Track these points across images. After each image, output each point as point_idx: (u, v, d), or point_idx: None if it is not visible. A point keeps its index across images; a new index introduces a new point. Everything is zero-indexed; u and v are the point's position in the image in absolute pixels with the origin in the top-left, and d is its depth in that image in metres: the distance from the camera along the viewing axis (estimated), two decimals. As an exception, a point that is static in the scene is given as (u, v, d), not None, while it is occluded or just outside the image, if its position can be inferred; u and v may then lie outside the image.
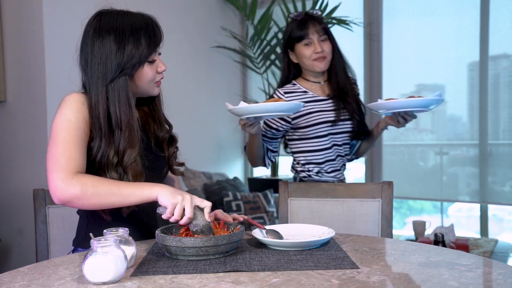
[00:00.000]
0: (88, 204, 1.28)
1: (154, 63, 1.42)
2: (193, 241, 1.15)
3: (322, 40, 1.98)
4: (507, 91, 3.73)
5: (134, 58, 1.36)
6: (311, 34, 1.98)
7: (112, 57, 1.36)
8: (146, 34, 1.38)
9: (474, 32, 3.73)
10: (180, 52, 3.89)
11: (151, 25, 1.41)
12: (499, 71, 3.75)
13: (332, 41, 2.02)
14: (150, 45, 1.38)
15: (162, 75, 1.46)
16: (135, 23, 1.39)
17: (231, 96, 4.54)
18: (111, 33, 1.36)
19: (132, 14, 1.43)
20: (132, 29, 1.37)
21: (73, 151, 1.31)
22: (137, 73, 1.40)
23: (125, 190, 1.27)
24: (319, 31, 1.98)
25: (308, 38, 1.98)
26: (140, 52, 1.37)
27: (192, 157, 3.90)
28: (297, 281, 1.00)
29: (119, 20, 1.38)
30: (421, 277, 1.01)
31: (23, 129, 3.16)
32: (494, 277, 1.00)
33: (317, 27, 1.98)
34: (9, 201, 3.20)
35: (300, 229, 1.45)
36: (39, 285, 1.01)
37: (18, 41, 3.15)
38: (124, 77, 1.37)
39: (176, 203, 1.23)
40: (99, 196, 1.26)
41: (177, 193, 1.25)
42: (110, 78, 1.36)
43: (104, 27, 1.37)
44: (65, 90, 1.42)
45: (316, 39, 1.97)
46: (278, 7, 4.28)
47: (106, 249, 1.01)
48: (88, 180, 1.27)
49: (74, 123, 1.33)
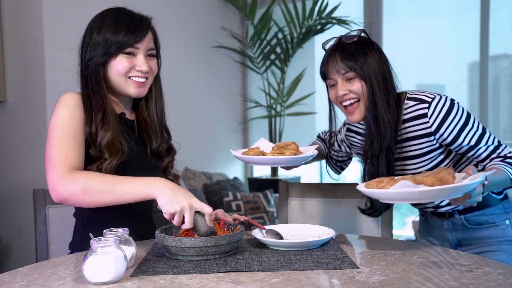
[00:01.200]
0: (85, 202, 1.28)
1: (131, 58, 1.41)
2: (193, 241, 1.15)
3: (348, 80, 1.49)
4: (507, 91, 3.73)
5: (107, 45, 1.39)
6: (332, 74, 1.51)
7: (91, 42, 1.42)
8: (129, 26, 1.40)
9: (474, 32, 3.73)
10: (180, 52, 3.88)
11: (139, 21, 1.42)
12: (499, 71, 3.75)
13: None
14: (127, 36, 1.39)
15: (140, 74, 1.42)
16: (123, 15, 1.42)
17: (231, 96, 4.54)
18: (98, 21, 1.43)
19: (130, 12, 1.45)
20: (117, 19, 1.41)
21: (67, 148, 1.31)
22: (109, 63, 1.41)
23: (120, 189, 1.26)
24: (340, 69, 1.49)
25: (330, 79, 1.53)
26: (116, 40, 1.39)
27: (192, 157, 3.90)
28: (297, 281, 1.00)
29: (113, 12, 1.43)
30: (421, 277, 1.01)
31: (23, 129, 3.16)
32: (494, 277, 1.00)
33: (338, 63, 1.49)
34: (9, 201, 3.20)
35: (300, 229, 1.45)
36: (39, 285, 1.01)
37: (18, 41, 3.15)
38: (97, 64, 1.40)
39: (174, 212, 1.21)
40: (94, 195, 1.26)
41: (176, 199, 1.22)
42: (86, 62, 1.42)
43: (98, 18, 1.44)
44: (65, 89, 1.42)
45: (339, 79, 1.50)
46: (278, 7, 4.28)
47: (106, 249, 1.01)
48: (82, 178, 1.27)
49: (68, 122, 1.34)
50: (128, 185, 1.26)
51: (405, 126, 1.52)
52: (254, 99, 4.49)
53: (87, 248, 1.42)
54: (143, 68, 1.41)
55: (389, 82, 1.51)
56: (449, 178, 1.15)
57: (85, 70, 1.42)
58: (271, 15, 4.22)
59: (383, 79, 1.49)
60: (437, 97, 1.47)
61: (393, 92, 1.51)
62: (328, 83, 1.55)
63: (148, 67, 1.42)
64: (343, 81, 1.49)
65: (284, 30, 4.19)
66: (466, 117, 1.46)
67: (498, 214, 1.58)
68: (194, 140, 4.04)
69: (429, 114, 1.46)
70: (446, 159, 1.55)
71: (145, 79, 1.44)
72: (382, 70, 1.49)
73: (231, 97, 4.54)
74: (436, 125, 1.45)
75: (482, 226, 1.59)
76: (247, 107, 4.65)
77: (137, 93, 1.44)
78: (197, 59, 4.16)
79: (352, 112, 1.51)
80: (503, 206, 1.58)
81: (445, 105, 1.45)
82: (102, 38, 1.40)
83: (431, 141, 1.50)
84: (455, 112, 1.45)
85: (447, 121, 1.44)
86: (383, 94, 1.48)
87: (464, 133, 1.45)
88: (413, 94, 1.53)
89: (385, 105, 1.48)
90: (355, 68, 1.46)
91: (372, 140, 1.51)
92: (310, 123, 4.36)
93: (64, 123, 1.34)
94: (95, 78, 1.41)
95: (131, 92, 1.44)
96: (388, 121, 1.48)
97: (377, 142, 1.50)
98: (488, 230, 1.58)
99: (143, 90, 1.45)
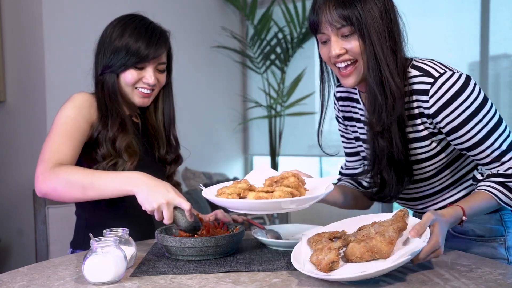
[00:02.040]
0: (65, 197, 1.29)
1: (141, 71, 1.44)
2: (193, 241, 1.15)
3: (343, 37, 1.22)
4: (508, 91, 3.73)
5: (126, 56, 1.41)
6: (324, 27, 1.22)
7: (111, 48, 1.43)
8: (148, 40, 1.43)
9: (475, 32, 3.72)
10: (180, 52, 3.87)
11: (159, 37, 1.45)
12: (500, 71, 3.75)
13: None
14: (146, 49, 1.42)
15: (147, 86, 1.46)
16: (143, 26, 1.44)
17: (231, 96, 4.54)
18: (119, 27, 1.44)
19: (151, 23, 1.48)
20: (137, 29, 1.43)
21: (60, 145, 1.33)
22: (121, 74, 1.44)
23: (98, 184, 1.26)
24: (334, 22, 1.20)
25: (321, 33, 1.24)
26: (135, 51, 1.41)
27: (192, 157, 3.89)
28: (297, 281, 1.00)
29: (134, 21, 1.45)
30: (421, 277, 1.01)
31: (23, 129, 3.16)
32: (494, 277, 1.00)
33: (332, 13, 1.19)
34: (9, 201, 3.20)
35: (300, 229, 1.45)
36: (39, 285, 1.01)
37: (18, 41, 3.14)
38: (112, 74, 1.43)
39: (152, 210, 1.22)
40: (72, 189, 1.27)
41: (153, 196, 1.21)
42: (102, 69, 1.44)
43: (119, 23, 1.46)
44: (65, 90, 1.44)
45: (333, 35, 1.22)
46: (278, 7, 4.28)
47: (106, 249, 1.01)
48: (62, 171, 1.28)
49: (72, 119, 1.36)
50: (106, 180, 1.27)
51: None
52: (254, 99, 4.48)
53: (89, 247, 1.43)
54: (150, 81, 1.45)
55: (397, 38, 1.22)
56: (382, 247, 1.00)
57: (100, 75, 1.45)
58: (271, 15, 4.21)
59: (389, 34, 1.21)
60: (447, 73, 1.18)
61: (400, 53, 1.23)
62: (319, 38, 1.25)
63: (155, 80, 1.46)
64: (337, 38, 1.21)
65: (284, 30, 4.19)
66: (478, 105, 1.17)
67: (492, 226, 1.32)
68: (194, 140, 4.04)
69: (431, 93, 1.18)
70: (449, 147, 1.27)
71: (151, 90, 1.48)
72: (387, 22, 1.21)
73: (231, 97, 4.54)
74: (436, 109, 1.19)
75: (467, 237, 1.33)
76: (247, 107, 4.65)
77: (141, 102, 1.48)
78: (197, 59, 4.16)
79: (347, 75, 1.24)
80: (501, 216, 1.33)
81: (454, 86, 1.17)
82: (122, 44, 1.42)
83: (428, 123, 1.24)
84: (466, 96, 1.16)
85: (451, 106, 1.17)
86: (388, 52, 1.20)
87: (468, 126, 1.18)
88: (420, 63, 1.25)
89: (393, 65, 1.20)
90: (352, 20, 1.17)
91: (380, 112, 1.22)
92: (310, 123, 4.36)
93: (66, 120, 1.36)
94: (112, 87, 1.44)
95: (136, 101, 1.48)
96: (396, 86, 1.20)
97: (386, 112, 1.21)
98: (474, 244, 1.33)
99: (148, 101, 1.50)
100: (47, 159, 1.31)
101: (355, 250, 1.02)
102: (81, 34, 2.94)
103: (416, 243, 0.99)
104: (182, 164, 1.67)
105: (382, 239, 1.01)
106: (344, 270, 1.00)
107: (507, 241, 1.32)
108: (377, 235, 1.02)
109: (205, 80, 4.25)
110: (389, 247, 1.00)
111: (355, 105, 1.41)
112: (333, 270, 0.99)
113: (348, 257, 1.04)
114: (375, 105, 1.23)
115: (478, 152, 1.21)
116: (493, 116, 1.19)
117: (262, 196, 1.11)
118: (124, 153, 1.40)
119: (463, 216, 1.14)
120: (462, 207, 1.15)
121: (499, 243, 1.32)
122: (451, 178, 1.33)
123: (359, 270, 0.95)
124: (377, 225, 1.08)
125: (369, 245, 1.01)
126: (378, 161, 1.28)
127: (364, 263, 1.01)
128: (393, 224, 1.06)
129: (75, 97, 1.42)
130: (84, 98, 1.42)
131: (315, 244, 1.09)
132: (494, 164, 1.21)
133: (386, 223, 1.07)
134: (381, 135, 1.25)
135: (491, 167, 1.22)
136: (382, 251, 1.00)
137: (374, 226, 1.09)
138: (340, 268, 1.01)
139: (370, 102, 1.24)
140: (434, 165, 1.29)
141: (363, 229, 1.12)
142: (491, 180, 1.20)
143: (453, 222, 1.14)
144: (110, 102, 1.43)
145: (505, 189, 1.18)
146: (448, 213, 1.13)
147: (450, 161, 1.31)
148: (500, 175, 1.19)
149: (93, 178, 1.27)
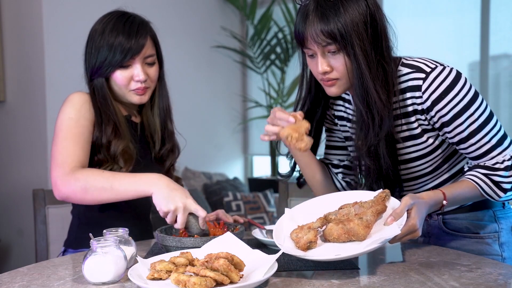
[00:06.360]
0: (85, 200, 1.29)
1: (128, 69, 1.41)
2: (193, 241, 1.15)
3: (330, 53, 1.19)
4: (508, 91, 3.72)
5: (106, 61, 1.39)
6: (309, 43, 1.19)
7: (91, 57, 1.42)
8: (126, 41, 1.38)
9: (475, 32, 3.72)
10: (180, 52, 3.88)
11: (137, 31, 1.40)
12: (500, 71, 3.75)
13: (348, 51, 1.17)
14: (123, 52, 1.38)
15: (140, 83, 1.42)
16: (118, 28, 1.40)
17: (231, 96, 4.54)
18: (97, 35, 1.42)
19: (130, 17, 1.43)
20: (113, 32, 1.40)
21: (71, 147, 1.33)
22: (111, 77, 1.42)
23: (119, 186, 1.27)
24: (319, 38, 1.16)
25: (307, 48, 1.21)
26: (112, 57, 1.38)
27: (192, 157, 3.89)
28: (297, 281, 1.00)
29: (109, 22, 1.42)
30: (421, 277, 1.01)
31: (22, 129, 3.16)
32: (494, 277, 1.00)
33: (316, 31, 1.15)
34: (9, 201, 3.20)
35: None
36: (39, 285, 1.01)
37: (18, 41, 3.14)
38: (101, 78, 1.41)
39: (168, 212, 1.22)
40: (93, 193, 1.27)
41: (172, 199, 1.22)
42: (90, 74, 1.43)
43: (98, 27, 1.43)
44: (65, 89, 1.43)
45: (319, 52, 1.19)
46: (278, 7, 4.28)
47: (106, 249, 1.01)
48: (82, 176, 1.28)
49: (74, 121, 1.36)
50: (126, 182, 1.27)
51: (394, 100, 1.24)
52: (254, 99, 4.48)
53: (80, 246, 1.43)
54: (141, 77, 1.41)
55: (385, 46, 1.20)
56: (359, 231, 1.05)
57: (90, 80, 1.44)
58: (271, 15, 4.21)
59: (376, 46, 1.18)
60: (438, 68, 1.19)
61: (389, 64, 1.21)
62: (306, 52, 1.23)
63: (145, 75, 1.42)
64: (324, 54, 1.19)
65: (284, 30, 4.19)
66: (469, 99, 1.19)
67: (486, 222, 1.32)
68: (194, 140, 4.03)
69: (424, 88, 1.19)
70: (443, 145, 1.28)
71: (145, 87, 1.44)
72: (373, 30, 1.17)
73: (231, 97, 4.54)
74: (430, 103, 1.19)
75: (461, 235, 1.33)
76: (247, 107, 4.65)
77: (139, 100, 1.46)
78: (197, 59, 4.16)
79: (331, 85, 1.22)
80: (494, 213, 1.33)
81: (446, 79, 1.18)
82: (104, 43, 1.40)
83: (422, 119, 1.24)
84: (458, 90, 1.18)
85: (444, 100, 1.18)
86: (375, 68, 1.18)
87: (459, 120, 1.19)
88: (410, 60, 1.25)
89: (380, 83, 1.19)
90: (336, 38, 1.14)
91: (366, 132, 1.23)
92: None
93: (70, 122, 1.36)
94: (101, 92, 1.42)
95: (134, 100, 1.46)
96: (383, 106, 1.19)
97: (373, 131, 1.22)
98: (468, 241, 1.33)
99: (146, 97, 1.47)
100: (61, 163, 1.31)
101: (333, 231, 1.08)
102: (81, 34, 2.93)
103: (390, 230, 1.05)
104: (182, 164, 1.66)
105: (360, 222, 1.07)
106: (320, 251, 1.08)
107: (501, 238, 1.33)
108: (355, 218, 1.08)
109: (205, 80, 4.25)
110: (365, 230, 1.06)
111: (347, 106, 1.41)
112: (310, 249, 1.07)
113: (326, 237, 1.10)
114: (362, 125, 1.24)
115: (467, 146, 1.22)
116: (484, 110, 1.21)
117: (181, 280, 0.89)
118: (119, 159, 1.39)
119: (444, 200, 1.17)
120: (443, 192, 1.18)
121: (493, 239, 1.33)
122: (448, 173, 1.35)
123: (334, 253, 1.04)
124: (357, 206, 1.14)
125: (347, 228, 1.07)
126: (367, 177, 1.32)
127: (340, 243, 1.08)
128: (373, 206, 1.12)
129: (73, 97, 1.40)
130: (81, 97, 1.41)
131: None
132: (483, 158, 1.23)
133: (367, 205, 1.13)
134: (367, 153, 1.25)
135: (480, 161, 1.24)
136: (359, 234, 1.06)
137: (354, 206, 1.14)
138: (317, 248, 1.08)
139: (357, 121, 1.25)
140: (431, 161, 1.30)
141: (344, 208, 1.16)
142: (477, 171, 1.22)
143: (433, 205, 1.17)
144: (101, 107, 1.41)
145: (490, 182, 1.20)
146: (428, 195, 1.16)
147: (447, 156, 1.32)
148: (486, 167, 1.21)
149: (113, 181, 1.27)
